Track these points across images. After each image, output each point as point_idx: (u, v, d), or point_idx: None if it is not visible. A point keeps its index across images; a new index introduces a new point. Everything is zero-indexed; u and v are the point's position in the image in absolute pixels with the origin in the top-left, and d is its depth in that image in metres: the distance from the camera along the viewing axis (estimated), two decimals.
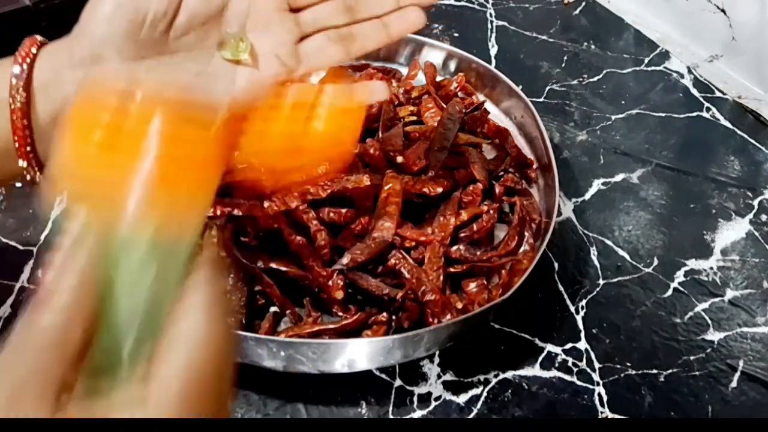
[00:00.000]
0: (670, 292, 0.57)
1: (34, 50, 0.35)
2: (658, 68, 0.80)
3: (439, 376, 0.50)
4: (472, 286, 0.52)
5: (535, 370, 0.51)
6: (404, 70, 0.72)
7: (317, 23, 0.39)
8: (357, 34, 0.40)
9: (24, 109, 0.34)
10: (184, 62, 0.36)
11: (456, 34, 0.83)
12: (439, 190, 0.55)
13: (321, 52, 0.39)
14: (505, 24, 0.86)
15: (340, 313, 0.51)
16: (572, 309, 0.55)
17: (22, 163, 0.35)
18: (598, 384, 0.51)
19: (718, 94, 0.77)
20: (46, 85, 0.34)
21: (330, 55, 0.39)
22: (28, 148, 0.35)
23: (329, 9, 0.39)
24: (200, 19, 0.36)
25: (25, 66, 0.34)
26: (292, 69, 0.38)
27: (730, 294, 0.58)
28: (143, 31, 0.34)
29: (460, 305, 0.51)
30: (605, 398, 0.50)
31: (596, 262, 0.59)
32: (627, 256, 0.60)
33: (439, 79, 0.70)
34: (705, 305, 0.57)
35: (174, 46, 0.36)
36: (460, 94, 0.68)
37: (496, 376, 0.51)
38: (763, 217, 0.64)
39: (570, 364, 0.52)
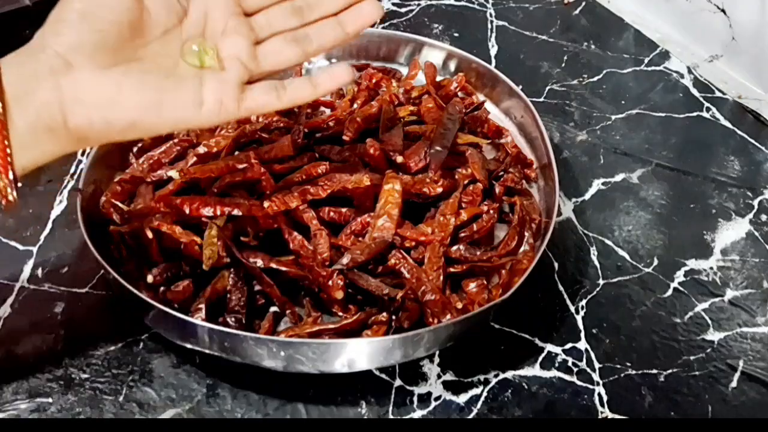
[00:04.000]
0: (670, 292, 0.57)
1: None
2: (658, 68, 0.80)
3: (439, 376, 0.50)
4: (472, 286, 0.52)
5: (535, 370, 0.51)
6: (404, 70, 0.72)
7: (272, 27, 0.41)
8: (313, 35, 0.41)
9: (2, 121, 0.33)
10: (153, 67, 0.37)
11: (456, 34, 0.83)
12: (439, 190, 0.55)
13: (278, 54, 0.40)
14: (505, 24, 0.86)
15: (340, 313, 0.50)
16: (572, 309, 0.55)
17: (1, 181, 0.34)
18: (598, 384, 0.51)
19: (718, 94, 0.77)
20: (19, 96, 0.33)
21: (287, 56, 0.41)
22: (9, 162, 0.33)
23: (280, 11, 0.41)
24: (162, 28, 0.37)
25: None
26: (252, 71, 0.39)
27: (730, 294, 0.57)
28: (112, 39, 0.35)
29: (460, 305, 0.51)
30: (605, 398, 0.50)
31: (596, 262, 0.59)
32: (627, 256, 0.60)
33: (439, 79, 0.70)
34: (705, 305, 0.57)
35: (140, 54, 0.37)
36: (460, 94, 0.68)
37: (496, 376, 0.51)
38: (763, 217, 0.64)
39: (570, 364, 0.52)
